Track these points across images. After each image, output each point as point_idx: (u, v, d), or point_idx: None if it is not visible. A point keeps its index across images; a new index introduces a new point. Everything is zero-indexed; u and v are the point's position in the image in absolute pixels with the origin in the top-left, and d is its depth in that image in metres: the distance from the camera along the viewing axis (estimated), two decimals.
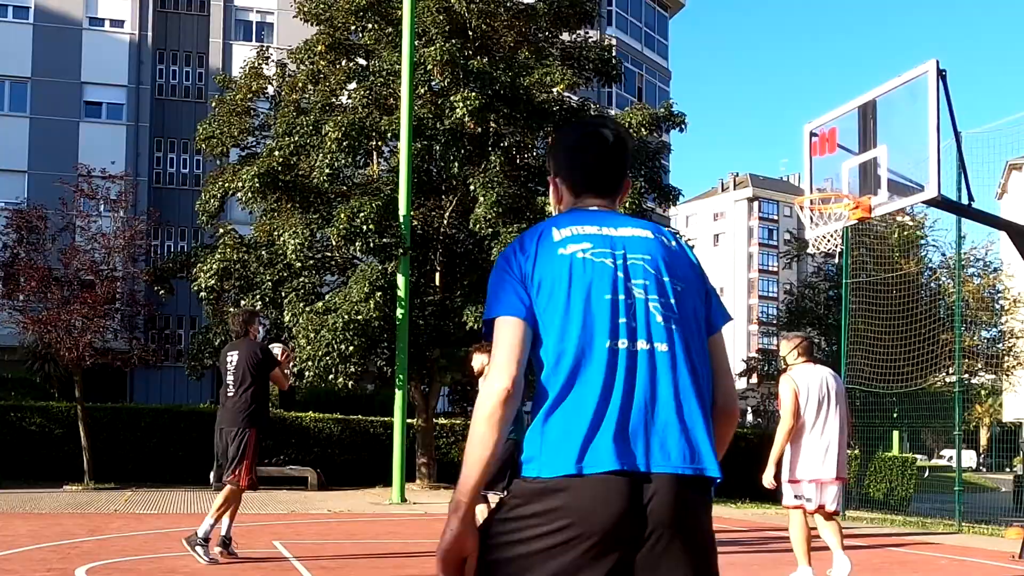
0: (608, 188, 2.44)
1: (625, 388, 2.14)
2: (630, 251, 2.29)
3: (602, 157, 2.43)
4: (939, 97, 9.38)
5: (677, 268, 2.32)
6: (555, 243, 2.27)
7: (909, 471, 24.08)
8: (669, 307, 2.24)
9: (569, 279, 2.22)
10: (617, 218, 2.37)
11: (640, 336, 2.19)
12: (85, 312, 17.04)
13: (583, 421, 2.11)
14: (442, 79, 18.63)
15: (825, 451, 7.18)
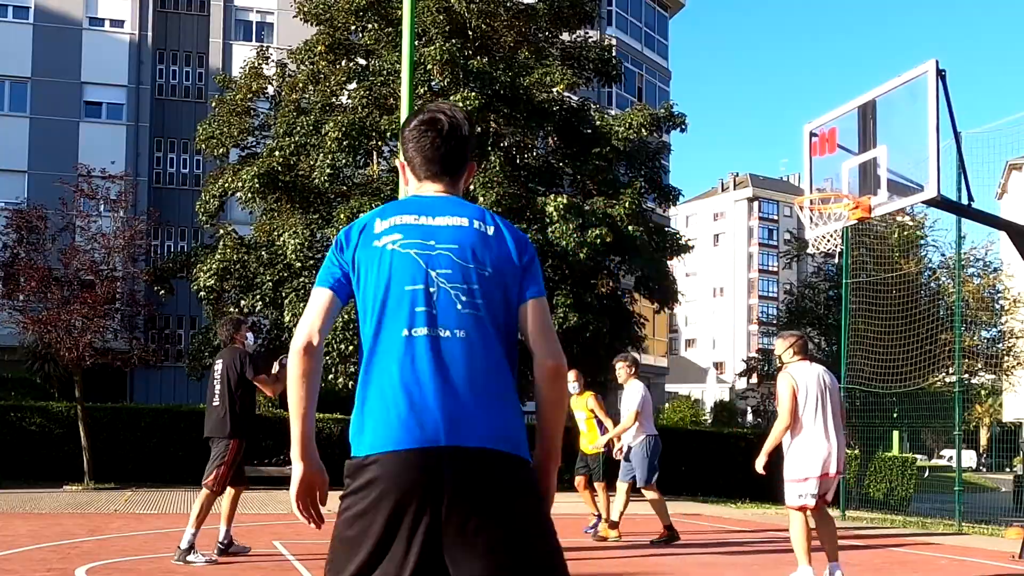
0: (445, 173, 2.63)
1: (422, 373, 2.36)
2: (440, 241, 2.49)
3: (438, 144, 2.61)
4: (939, 97, 9.38)
5: (488, 254, 2.49)
6: (374, 235, 2.52)
7: (909, 471, 24.08)
8: (472, 293, 2.44)
9: (378, 270, 2.47)
10: (443, 206, 2.56)
11: (440, 324, 2.41)
12: (85, 312, 17.03)
13: (386, 404, 2.36)
14: (442, 79, 18.63)
15: (828, 447, 7.24)
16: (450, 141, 2.62)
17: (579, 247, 17.09)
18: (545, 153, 20.73)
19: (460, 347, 2.40)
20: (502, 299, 2.49)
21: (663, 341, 52.27)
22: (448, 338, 2.41)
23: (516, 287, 2.53)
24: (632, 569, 8.58)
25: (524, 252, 2.57)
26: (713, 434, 25.17)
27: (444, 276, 2.46)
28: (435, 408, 2.34)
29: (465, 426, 2.33)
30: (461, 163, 2.65)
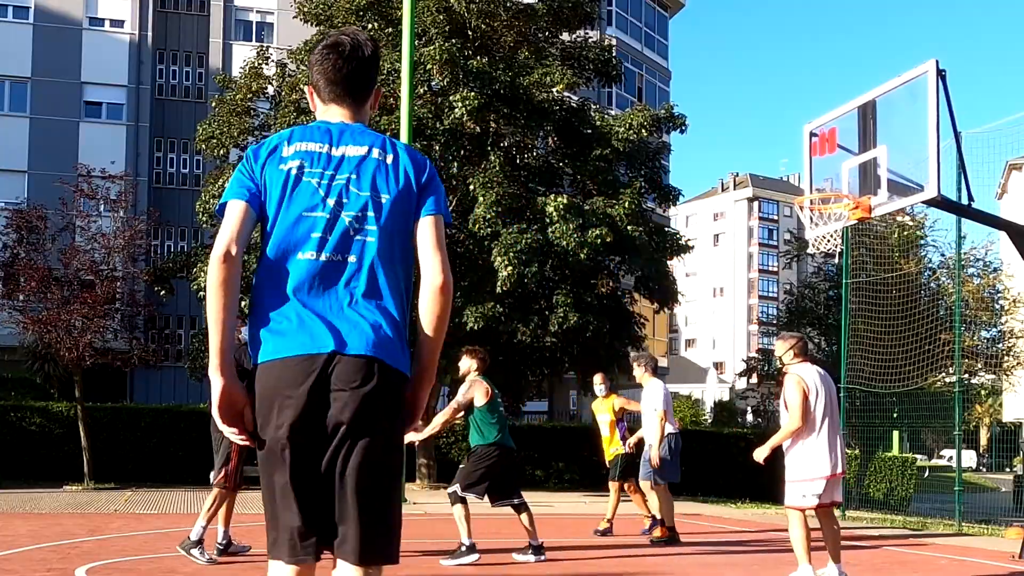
0: (349, 97, 2.73)
1: (314, 292, 2.56)
2: (340, 171, 2.62)
3: (339, 66, 2.69)
4: (939, 97, 9.37)
5: (386, 181, 2.64)
6: (280, 158, 2.63)
7: (909, 471, 24.09)
8: (365, 219, 2.61)
9: (280, 193, 2.60)
10: (345, 135, 2.68)
11: (333, 249, 2.58)
12: (85, 312, 17.03)
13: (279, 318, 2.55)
14: (442, 79, 18.63)
15: (835, 447, 7.28)
16: (351, 62, 2.70)
17: (579, 247, 17.09)
18: (545, 153, 20.73)
19: (350, 271, 2.59)
20: (398, 226, 2.65)
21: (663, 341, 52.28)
22: (339, 262, 2.59)
23: (413, 211, 2.68)
24: (632, 569, 8.58)
25: (422, 174, 2.70)
26: (713, 434, 25.18)
27: (341, 204, 2.60)
28: (321, 322, 2.54)
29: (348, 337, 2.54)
30: (364, 85, 2.74)
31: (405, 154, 2.71)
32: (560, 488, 21.05)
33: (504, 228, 17.28)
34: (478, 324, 17.38)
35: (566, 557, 9.24)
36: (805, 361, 7.54)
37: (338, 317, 2.56)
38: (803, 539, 7.30)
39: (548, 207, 17.40)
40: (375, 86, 2.81)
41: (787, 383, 7.41)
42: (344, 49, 2.71)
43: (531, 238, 17.01)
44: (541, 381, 23.09)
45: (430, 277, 2.70)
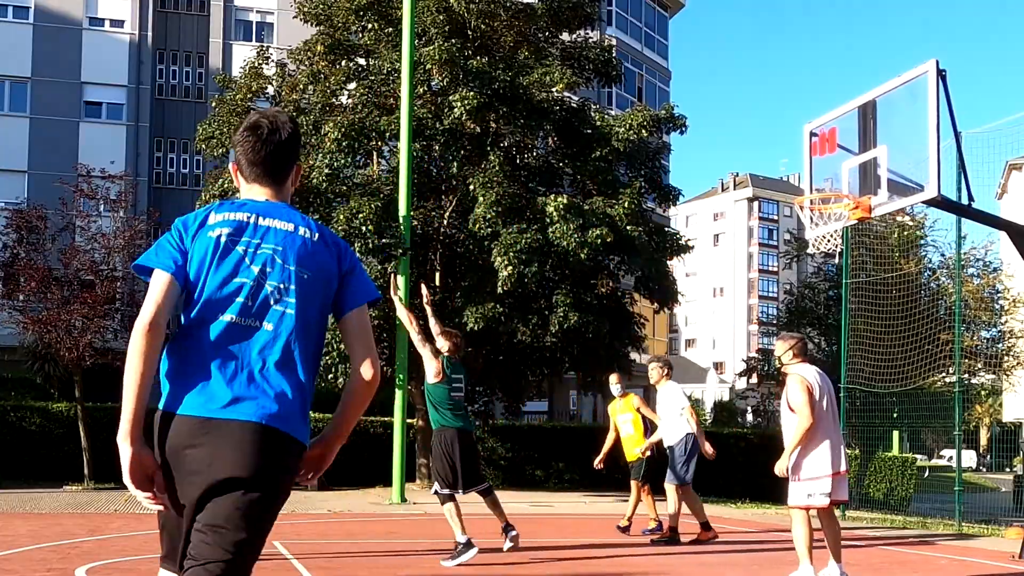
0: (269, 177, 2.87)
1: (225, 355, 2.66)
2: (265, 241, 2.75)
3: (258, 148, 2.84)
4: (939, 97, 9.37)
5: (309, 258, 2.77)
6: (208, 226, 2.76)
7: (909, 471, 24.10)
8: (286, 291, 2.72)
9: (209, 259, 2.72)
10: (271, 210, 2.82)
11: (252, 315, 2.69)
12: (85, 312, 17.03)
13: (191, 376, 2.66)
14: (441, 79, 18.62)
15: (837, 445, 7.32)
16: (269, 145, 2.84)
17: (579, 247, 17.08)
18: (545, 153, 20.72)
19: (266, 338, 2.70)
20: (317, 301, 2.78)
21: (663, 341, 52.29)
22: (256, 328, 2.70)
23: (334, 293, 2.82)
24: (632, 569, 8.58)
25: (344, 259, 2.85)
26: (713, 434, 25.07)
27: (265, 273, 2.73)
28: (226, 387, 2.65)
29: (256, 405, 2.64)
30: (283, 166, 2.88)
31: (328, 237, 2.87)
32: (560, 488, 21.05)
33: (504, 228, 17.28)
34: (478, 324, 17.37)
35: (566, 557, 9.24)
36: (804, 361, 7.56)
37: (245, 382, 2.67)
38: (806, 539, 7.31)
39: (548, 207, 17.40)
40: (295, 165, 2.94)
41: (791, 383, 7.41)
42: (262, 132, 2.84)
43: (531, 238, 17.01)
44: (541, 381, 23.07)
45: (361, 370, 2.80)
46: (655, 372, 10.70)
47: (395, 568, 8.11)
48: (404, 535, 9.47)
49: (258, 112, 2.97)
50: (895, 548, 10.95)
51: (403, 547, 9.23)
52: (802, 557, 7.36)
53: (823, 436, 7.26)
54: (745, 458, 22.57)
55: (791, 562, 7.64)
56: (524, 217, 17.86)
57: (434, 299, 18.92)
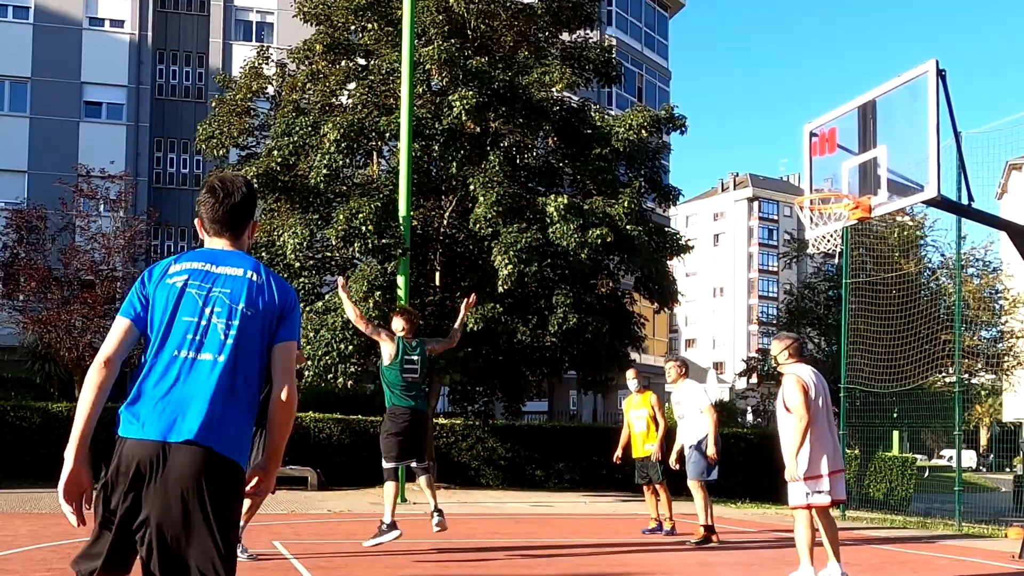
0: (228, 231, 3.33)
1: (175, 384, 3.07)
2: (216, 286, 3.20)
3: (216, 208, 3.31)
4: (939, 97, 9.37)
5: (254, 299, 3.20)
6: (169, 274, 3.23)
7: (909, 471, 24.09)
8: (231, 328, 3.14)
9: (165, 302, 3.17)
10: (226, 258, 3.28)
11: (202, 349, 3.12)
12: (85, 312, 17.05)
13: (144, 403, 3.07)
14: (441, 79, 18.62)
15: (833, 444, 7.36)
16: (226, 204, 3.30)
17: (579, 247, 17.08)
18: (545, 153, 20.71)
19: (216, 368, 3.10)
20: (259, 335, 3.20)
21: (663, 341, 52.28)
22: (208, 360, 3.11)
23: (273, 328, 3.23)
24: (632, 569, 8.58)
25: (285, 302, 3.27)
26: None
27: (215, 312, 3.16)
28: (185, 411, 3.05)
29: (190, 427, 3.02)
30: (239, 222, 3.35)
31: (274, 281, 3.30)
32: (560, 488, 21.06)
33: (504, 228, 17.28)
34: (478, 325, 17.37)
35: (565, 557, 9.24)
36: (800, 361, 7.61)
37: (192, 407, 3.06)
38: (808, 539, 7.33)
39: (548, 207, 17.40)
40: (251, 221, 3.41)
41: (787, 383, 7.43)
42: (219, 194, 3.31)
43: (531, 238, 17.01)
44: (541, 381, 23.06)
45: (277, 395, 3.20)
46: (673, 371, 10.71)
47: (395, 568, 8.12)
48: (404, 535, 9.47)
49: (217, 176, 3.40)
50: (895, 548, 10.95)
51: (403, 547, 9.23)
52: (803, 557, 7.37)
53: (820, 435, 7.29)
54: (745, 458, 22.56)
55: (791, 562, 7.64)
56: (524, 217, 17.85)
57: (434, 299, 19.00)
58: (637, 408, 11.61)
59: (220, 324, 3.14)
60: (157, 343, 3.14)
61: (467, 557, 8.87)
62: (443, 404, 24.85)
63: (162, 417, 3.03)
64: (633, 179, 20.00)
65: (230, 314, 3.16)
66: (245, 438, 3.14)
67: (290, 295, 3.29)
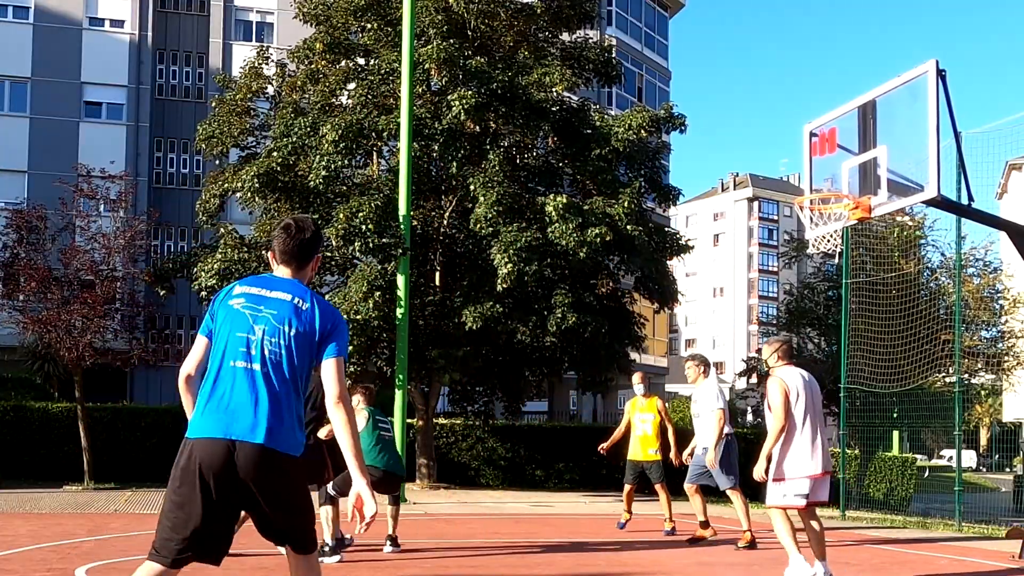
0: (294, 262, 3.98)
1: (233, 389, 3.70)
2: (267, 307, 3.83)
3: (287, 243, 3.96)
4: (939, 97, 9.38)
5: (298, 321, 3.80)
6: (232, 296, 3.89)
7: (909, 471, 24.10)
8: (278, 344, 3.75)
9: (225, 320, 3.82)
10: (280, 284, 3.92)
11: (254, 360, 3.73)
12: (85, 312, 17.02)
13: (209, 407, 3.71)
14: (440, 79, 18.62)
15: (813, 447, 7.34)
16: (295, 240, 3.95)
17: (579, 247, 17.08)
18: (545, 153, 20.71)
19: (263, 377, 3.71)
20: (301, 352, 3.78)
21: (663, 341, 52.26)
22: (257, 371, 3.72)
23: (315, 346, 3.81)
24: (632, 569, 8.58)
25: (327, 323, 3.84)
26: None
27: (263, 330, 3.77)
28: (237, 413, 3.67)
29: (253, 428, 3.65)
30: (305, 257, 3.99)
31: (319, 305, 3.87)
32: (560, 488, 21.06)
33: (504, 227, 17.27)
34: (477, 324, 17.37)
35: (565, 557, 9.24)
36: (790, 364, 7.66)
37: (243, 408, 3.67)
38: (789, 533, 7.43)
39: (548, 207, 17.40)
40: (315, 255, 4.04)
41: (770, 386, 7.52)
42: (292, 231, 3.96)
43: (530, 237, 17.01)
44: (541, 381, 23.07)
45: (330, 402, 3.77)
46: (692, 371, 10.65)
47: (395, 568, 8.12)
48: (404, 535, 9.47)
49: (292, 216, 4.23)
50: (895, 548, 10.95)
51: (403, 547, 9.23)
52: (790, 552, 7.43)
53: (804, 437, 7.32)
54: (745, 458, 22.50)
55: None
56: (524, 217, 17.85)
57: (434, 299, 19.01)
58: (643, 411, 11.65)
59: (267, 340, 3.75)
60: (220, 354, 3.77)
61: (467, 557, 8.87)
62: (443, 404, 24.85)
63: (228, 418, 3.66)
64: (633, 179, 19.99)
65: (275, 332, 3.76)
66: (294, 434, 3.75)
67: (334, 318, 3.87)
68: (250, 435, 3.62)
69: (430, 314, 18.79)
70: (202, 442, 3.63)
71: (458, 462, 21.30)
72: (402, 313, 16.27)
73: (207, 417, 3.66)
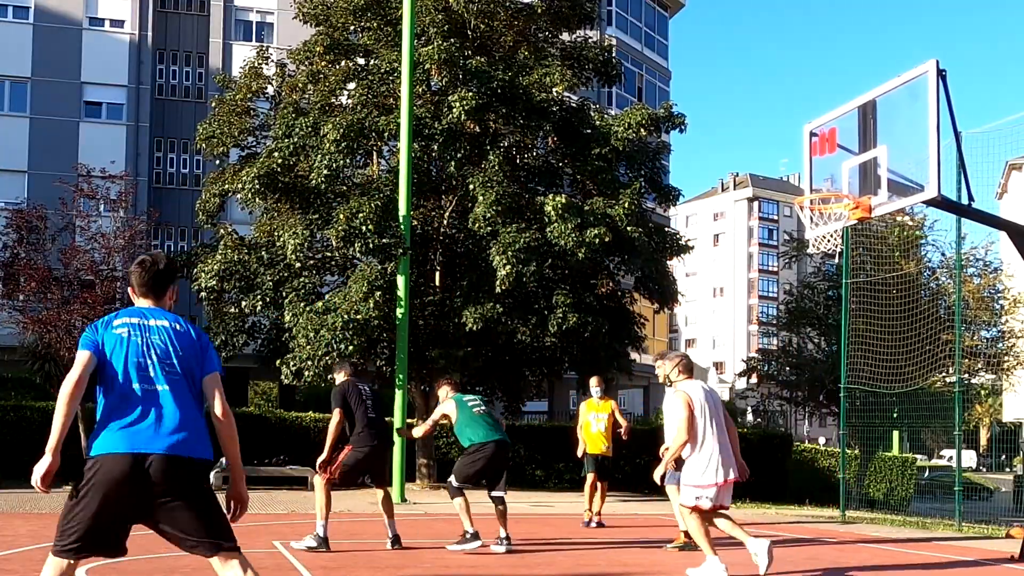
0: (152, 294, 4.31)
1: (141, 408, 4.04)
2: (151, 335, 4.18)
3: (144, 277, 4.29)
4: (939, 97, 9.38)
5: (180, 343, 4.19)
6: (114, 327, 4.20)
7: (909, 471, 24.10)
8: (172, 365, 4.14)
9: (117, 348, 4.13)
10: (153, 314, 4.26)
11: (153, 381, 4.10)
12: (85, 312, 17.03)
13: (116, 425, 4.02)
14: (440, 79, 18.62)
15: (720, 457, 7.67)
16: (150, 273, 4.30)
17: (578, 247, 17.08)
18: (544, 153, 20.72)
19: (164, 396, 4.08)
20: (189, 369, 4.18)
21: (663, 341, 52.27)
22: (158, 390, 4.08)
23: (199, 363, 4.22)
24: (632, 569, 8.57)
25: (200, 342, 4.25)
26: None
27: (155, 353, 4.14)
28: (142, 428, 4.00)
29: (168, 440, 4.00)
30: (160, 288, 4.32)
31: (191, 328, 4.28)
32: (560, 488, 21.06)
33: (504, 227, 17.28)
34: (477, 325, 17.37)
35: (565, 557, 9.24)
36: (690, 378, 7.94)
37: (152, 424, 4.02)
38: (703, 533, 7.64)
39: (547, 207, 17.40)
40: (170, 286, 4.37)
41: (673, 400, 7.84)
42: (146, 265, 4.30)
43: (530, 237, 17.01)
44: (541, 381, 23.08)
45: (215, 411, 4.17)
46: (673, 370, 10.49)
47: (395, 568, 8.12)
48: (404, 535, 9.48)
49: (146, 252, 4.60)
50: (895, 548, 10.95)
51: (403, 547, 9.23)
52: (706, 550, 7.64)
53: (710, 448, 7.65)
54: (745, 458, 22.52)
55: (790, 561, 7.66)
56: (523, 217, 17.86)
57: (434, 299, 19.01)
58: (599, 411, 12.61)
59: (160, 362, 4.13)
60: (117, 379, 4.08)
61: (467, 557, 8.88)
62: None
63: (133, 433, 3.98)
64: (633, 179, 20.00)
65: (166, 355, 4.15)
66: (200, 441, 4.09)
67: (204, 336, 4.31)
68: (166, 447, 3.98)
69: (430, 314, 18.79)
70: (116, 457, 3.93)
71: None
72: (402, 313, 16.27)
73: (120, 435, 3.97)
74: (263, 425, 19.72)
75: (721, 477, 7.62)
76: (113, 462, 3.93)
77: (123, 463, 3.93)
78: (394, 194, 17.05)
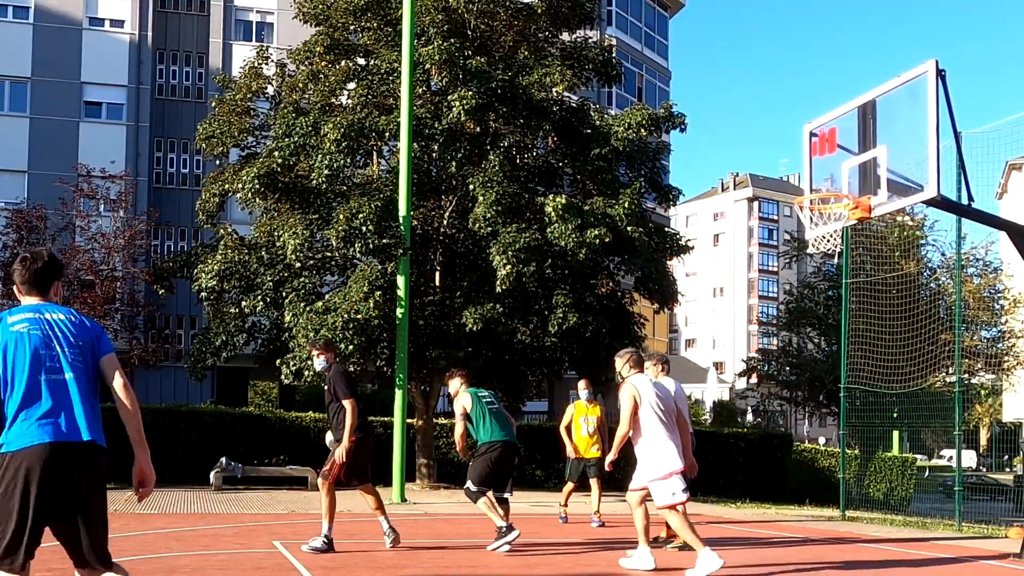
0: (36, 289, 4.41)
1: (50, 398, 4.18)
2: (52, 327, 4.30)
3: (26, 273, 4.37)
4: (939, 97, 9.38)
5: (78, 332, 4.33)
6: (9, 324, 4.28)
7: (909, 471, 24.10)
8: (75, 355, 4.28)
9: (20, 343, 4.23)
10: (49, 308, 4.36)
11: (58, 372, 4.23)
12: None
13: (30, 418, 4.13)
14: (440, 79, 18.61)
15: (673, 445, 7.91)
16: (32, 271, 4.38)
17: (578, 247, 17.08)
18: (544, 153, 20.71)
19: (75, 383, 4.23)
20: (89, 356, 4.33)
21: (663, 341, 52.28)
22: (68, 378, 4.23)
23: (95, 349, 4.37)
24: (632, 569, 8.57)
25: (96, 328, 4.43)
26: (713, 434, 25.16)
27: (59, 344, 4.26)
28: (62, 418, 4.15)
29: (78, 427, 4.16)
30: (44, 283, 4.41)
31: (86, 319, 4.44)
32: (560, 488, 21.03)
33: (504, 227, 17.27)
34: (477, 325, 17.37)
35: (565, 557, 9.24)
36: (640, 372, 8.29)
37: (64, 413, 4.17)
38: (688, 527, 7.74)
39: (547, 207, 17.40)
40: (54, 280, 4.45)
41: (622, 392, 8.09)
42: (27, 263, 4.36)
43: (530, 237, 17.01)
44: (541, 381, 23.08)
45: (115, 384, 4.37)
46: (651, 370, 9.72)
47: (395, 568, 8.12)
48: (404, 535, 9.48)
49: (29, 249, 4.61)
50: (895, 548, 10.95)
51: (403, 547, 9.23)
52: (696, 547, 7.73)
53: (664, 439, 7.89)
54: (745, 458, 22.57)
55: (791, 561, 7.65)
56: (523, 217, 17.85)
57: (434, 299, 19.01)
58: (588, 414, 13.00)
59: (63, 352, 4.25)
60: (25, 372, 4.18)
61: (467, 557, 8.88)
62: (443, 404, 24.85)
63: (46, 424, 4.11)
64: (633, 179, 19.99)
65: (68, 344, 4.27)
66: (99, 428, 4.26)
67: (96, 325, 4.47)
68: (76, 434, 4.12)
69: (430, 314, 18.79)
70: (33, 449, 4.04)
71: (458, 462, 21.25)
72: (402, 313, 16.27)
73: (32, 428, 4.09)
74: (263, 425, 19.72)
75: (680, 463, 7.83)
76: (36, 454, 4.03)
77: (46, 453, 4.04)
78: (394, 194, 17.05)
